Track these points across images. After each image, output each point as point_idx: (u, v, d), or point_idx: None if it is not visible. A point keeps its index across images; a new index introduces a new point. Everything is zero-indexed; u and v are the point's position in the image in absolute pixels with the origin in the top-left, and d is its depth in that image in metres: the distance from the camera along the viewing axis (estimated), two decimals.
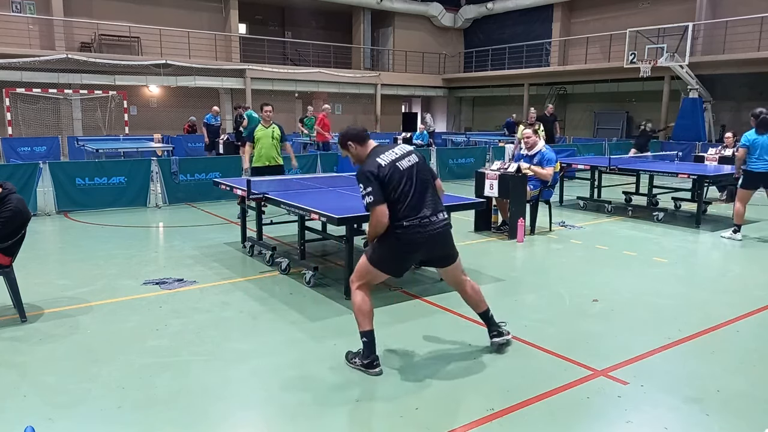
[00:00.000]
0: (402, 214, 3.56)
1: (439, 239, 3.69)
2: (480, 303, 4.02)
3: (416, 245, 3.63)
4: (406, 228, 3.56)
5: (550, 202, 8.11)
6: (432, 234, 3.63)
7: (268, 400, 3.40)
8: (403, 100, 29.94)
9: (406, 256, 3.72)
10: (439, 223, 3.67)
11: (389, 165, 3.59)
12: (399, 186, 3.57)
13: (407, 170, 3.63)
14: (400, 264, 3.75)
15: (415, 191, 3.61)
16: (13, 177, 8.52)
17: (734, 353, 4.06)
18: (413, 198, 3.59)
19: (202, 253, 6.75)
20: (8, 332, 4.30)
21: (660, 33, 18.40)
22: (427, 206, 3.64)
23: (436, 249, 3.76)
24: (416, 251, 3.70)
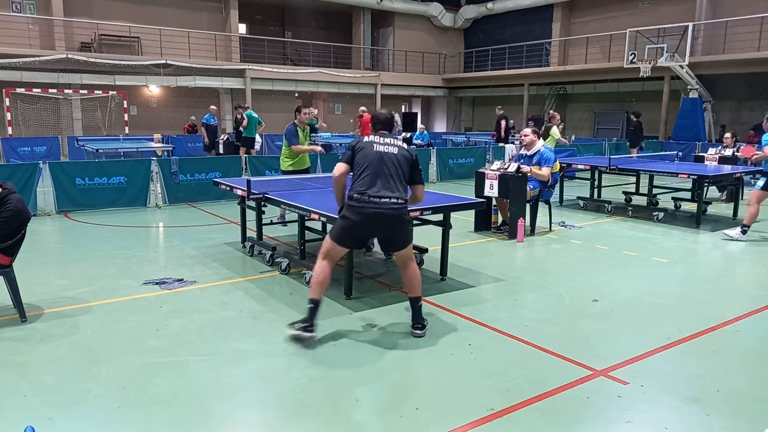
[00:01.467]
0: (356, 187, 4.03)
1: (382, 219, 4.02)
2: (413, 288, 4.28)
3: (361, 218, 4.01)
4: (355, 200, 4.00)
5: (550, 202, 8.11)
6: (376, 212, 3.98)
7: (268, 400, 3.40)
8: (403, 100, 29.95)
9: (352, 228, 4.08)
10: (385, 205, 4.00)
11: (366, 142, 4.14)
12: (362, 161, 4.06)
13: (377, 153, 4.07)
14: (348, 234, 4.12)
15: (374, 172, 4.02)
16: (13, 177, 8.52)
17: (734, 353, 4.06)
18: (369, 177, 4.01)
19: (202, 253, 6.75)
20: (8, 332, 4.30)
21: (660, 33, 18.41)
22: (379, 188, 4.00)
23: (380, 228, 4.15)
24: (361, 225, 4.06)
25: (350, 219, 4.03)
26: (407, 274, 4.29)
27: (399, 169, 4.11)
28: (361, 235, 4.29)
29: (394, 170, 4.08)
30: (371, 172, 4.02)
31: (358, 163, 4.07)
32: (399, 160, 4.12)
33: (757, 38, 17.54)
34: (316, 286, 4.08)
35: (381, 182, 4.02)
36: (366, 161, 4.05)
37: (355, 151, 4.11)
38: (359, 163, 4.06)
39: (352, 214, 4.01)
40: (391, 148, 4.13)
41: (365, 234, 4.26)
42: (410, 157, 4.22)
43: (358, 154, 4.09)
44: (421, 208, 5.29)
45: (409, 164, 4.20)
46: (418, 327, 4.25)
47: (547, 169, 7.63)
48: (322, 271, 4.09)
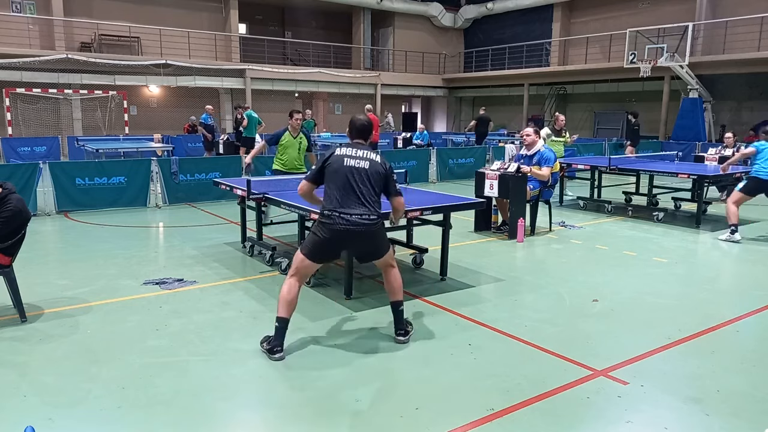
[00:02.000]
0: (326, 204, 3.98)
1: (357, 236, 3.97)
2: (394, 293, 4.22)
3: (334, 235, 3.94)
4: (326, 217, 3.94)
5: (550, 202, 8.11)
6: (350, 229, 3.92)
7: (268, 400, 3.40)
8: (403, 100, 29.95)
9: (325, 244, 3.99)
10: (355, 222, 3.93)
11: (337, 156, 4.01)
12: (332, 176, 3.98)
13: (347, 167, 3.97)
14: (320, 250, 4.02)
15: (346, 189, 3.94)
16: (13, 177, 8.52)
17: (734, 353, 4.06)
18: (341, 193, 3.94)
19: (202, 253, 6.75)
20: (8, 332, 4.30)
21: (660, 33, 18.40)
22: (352, 205, 3.93)
23: (353, 244, 4.11)
24: (334, 241, 3.98)
25: (322, 235, 3.95)
26: (388, 279, 4.24)
27: (369, 183, 3.99)
28: (333, 251, 4.20)
29: (364, 185, 3.97)
30: (341, 188, 3.94)
31: (328, 179, 4.00)
32: (370, 174, 3.99)
33: (757, 38, 17.54)
34: (285, 305, 3.91)
35: (352, 198, 3.93)
36: (336, 177, 3.96)
37: (325, 165, 4.01)
38: (330, 179, 3.99)
39: (324, 231, 3.94)
40: (362, 162, 3.99)
41: (337, 250, 4.21)
42: (383, 171, 4.06)
43: (328, 169, 4.00)
44: (421, 208, 5.30)
45: (382, 178, 4.06)
46: (401, 333, 4.19)
47: (547, 169, 7.63)
48: (290, 289, 3.95)
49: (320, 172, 4.04)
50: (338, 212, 3.91)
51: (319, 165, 4.05)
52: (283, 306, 3.92)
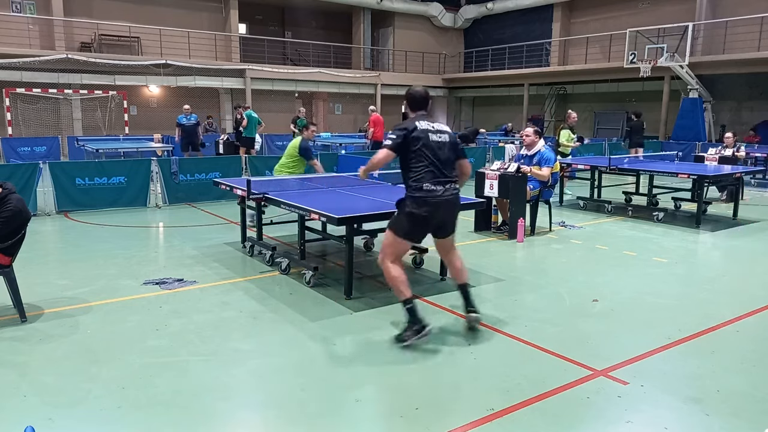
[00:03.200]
0: (421, 178, 4.00)
1: (449, 206, 4.12)
2: (461, 274, 4.36)
3: (433, 210, 4.02)
4: (424, 191, 3.99)
5: (550, 202, 8.11)
6: (444, 200, 4.04)
7: (268, 400, 3.40)
8: (403, 100, 29.86)
9: (423, 220, 4.06)
10: (453, 193, 4.12)
11: (422, 130, 4.07)
12: (422, 151, 4.03)
13: (434, 143, 4.08)
14: (419, 227, 4.11)
15: (436, 162, 4.04)
16: (13, 177, 8.52)
17: (734, 353, 4.06)
18: (434, 168, 4.03)
19: (202, 253, 6.75)
20: (8, 332, 4.30)
21: (660, 33, 18.40)
22: (444, 177, 4.07)
23: (445, 215, 4.16)
24: (430, 214, 4.04)
25: (420, 213, 4.01)
26: (454, 260, 4.36)
27: (452, 155, 4.18)
28: (429, 226, 4.20)
29: (448, 157, 4.13)
30: (432, 163, 4.04)
31: (417, 154, 4.04)
32: (451, 146, 4.18)
33: (757, 38, 17.54)
34: (403, 284, 4.05)
35: (443, 171, 4.07)
36: (426, 151, 4.04)
37: (409, 140, 4.04)
38: (418, 154, 4.04)
39: (423, 207, 4.00)
40: (443, 135, 4.16)
41: (433, 224, 4.19)
42: (456, 140, 4.28)
43: (415, 145, 4.03)
44: None
45: (457, 146, 4.26)
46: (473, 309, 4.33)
47: (547, 169, 7.63)
48: (397, 269, 4.08)
49: (402, 145, 4.04)
50: (436, 186, 4.00)
51: (400, 137, 4.04)
52: (403, 286, 4.04)
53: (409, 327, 4.03)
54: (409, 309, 4.01)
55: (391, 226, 4.16)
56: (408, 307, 4.01)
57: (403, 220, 4.09)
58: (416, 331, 3.98)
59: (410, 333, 4.01)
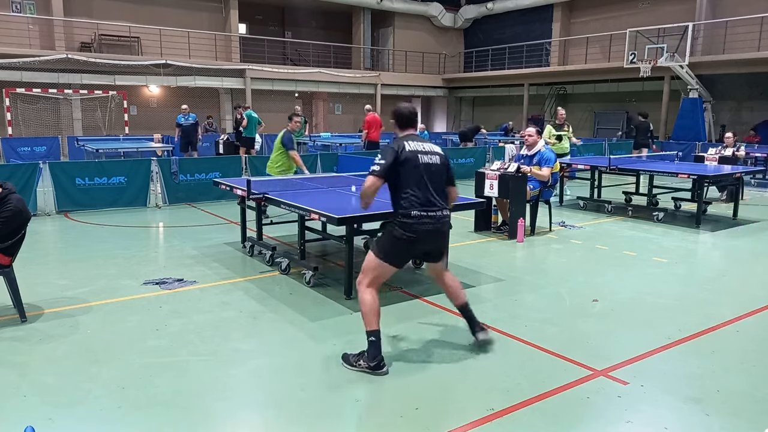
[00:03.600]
0: (410, 204, 3.77)
1: (439, 234, 3.94)
2: (458, 294, 4.14)
3: (419, 236, 3.80)
4: (413, 218, 3.77)
5: (550, 202, 8.11)
6: (434, 228, 3.85)
7: (268, 400, 3.40)
8: (403, 100, 29.91)
9: (410, 246, 3.87)
10: (440, 219, 3.88)
11: (411, 152, 3.81)
12: (412, 175, 3.78)
13: (425, 165, 3.83)
14: (404, 254, 3.95)
15: (427, 187, 3.81)
16: (13, 177, 8.52)
17: (734, 353, 4.06)
18: (423, 191, 3.80)
19: (202, 253, 6.75)
20: (8, 332, 4.30)
21: (660, 33, 18.40)
22: (433, 202, 3.84)
23: (435, 243, 3.99)
24: (419, 242, 3.85)
25: (408, 238, 3.77)
26: (448, 282, 4.14)
27: (441, 178, 3.93)
28: (417, 251, 4.06)
29: (439, 181, 3.89)
30: (422, 186, 3.79)
31: (405, 176, 3.78)
32: (442, 169, 3.93)
33: (757, 38, 17.54)
34: (374, 315, 3.74)
35: (434, 196, 3.84)
36: (414, 174, 3.78)
37: (398, 162, 3.76)
38: (407, 176, 3.77)
39: (411, 233, 3.76)
40: (434, 157, 3.89)
41: (419, 250, 4.02)
42: (447, 162, 4.01)
43: (403, 167, 3.76)
44: None
45: (449, 170, 4.02)
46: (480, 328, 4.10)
47: (547, 169, 7.63)
48: (373, 298, 3.78)
49: (391, 169, 3.75)
50: (424, 211, 3.78)
51: (388, 161, 3.74)
52: (374, 317, 3.75)
53: (364, 357, 3.71)
54: (372, 342, 3.69)
55: (374, 249, 3.90)
56: (371, 340, 3.69)
57: (388, 243, 3.87)
58: (371, 367, 3.65)
59: (363, 363, 3.68)
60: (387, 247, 3.86)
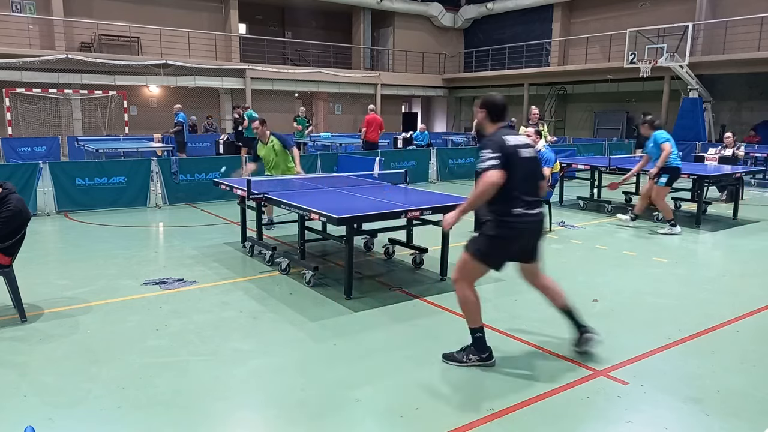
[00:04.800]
0: (512, 201, 3.57)
1: (537, 232, 3.77)
2: (559, 294, 3.94)
3: (521, 234, 3.65)
4: (516, 216, 3.57)
5: (550, 201, 8.10)
6: (534, 226, 3.69)
7: (268, 400, 3.40)
8: (403, 100, 29.94)
9: (509, 246, 3.69)
10: (540, 216, 3.72)
11: (513, 146, 3.60)
12: (514, 171, 3.55)
13: (525, 159, 3.64)
14: (503, 254, 3.72)
15: (527, 183, 3.64)
16: (13, 177, 8.52)
17: (734, 353, 4.06)
18: (524, 188, 3.61)
19: (202, 253, 6.75)
20: (8, 332, 4.30)
21: (660, 33, 18.40)
22: (533, 199, 3.66)
23: (531, 241, 3.79)
24: (519, 241, 3.69)
25: (509, 236, 3.61)
26: (548, 282, 3.95)
27: (538, 170, 3.82)
28: (513, 253, 3.78)
29: (536, 175, 3.77)
30: (524, 183, 3.61)
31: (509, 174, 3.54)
32: (537, 163, 3.81)
33: (757, 38, 17.53)
34: (476, 313, 3.71)
35: (532, 192, 3.67)
36: (517, 170, 3.57)
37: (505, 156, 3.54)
38: (510, 174, 3.54)
39: (513, 231, 3.60)
40: (531, 150, 3.73)
41: (518, 251, 3.78)
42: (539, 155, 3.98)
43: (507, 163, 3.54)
44: (421, 208, 5.30)
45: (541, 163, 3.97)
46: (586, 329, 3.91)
47: (547, 169, 7.62)
48: (474, 297, 3.71)
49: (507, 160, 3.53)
50: (526, 209, 3.59)
51: (497, 150, 3.52)
52: (477, 314, 3.71)
53: (471, 351, 3.75)
54: (478, 338, 3.70)
55: (469, 250, 3.71)
56: (478, 336, 3.71)
57: (485, 244, 3.66)
58: (483, 359, 3.71)
59: (474, 357, 3.72)
60: (485, 248, 3.68)
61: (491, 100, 3.79)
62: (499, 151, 3.51)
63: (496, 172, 3.47)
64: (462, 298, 3.74)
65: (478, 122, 3.82)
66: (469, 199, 3.62)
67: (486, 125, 3.78)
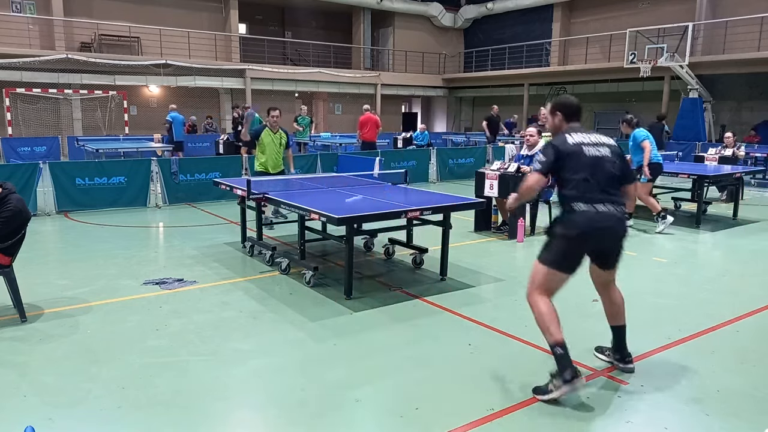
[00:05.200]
0: (573, 198, 3.47)
1: (611, 233, 3.52)
2: (621, 316, 3.77)
3: (586, 232, 3.44)
4: (577, 213, 3.44)
5: (550, 202, 8.10)
6: (604, 225, 3.45)
7: (268, 400, 3.40)
8: (403, 100, 29.94)
9: (577, 246, 3.48)
10: (612, 216, 3.47)
11: (576, 144, 3.53)
12: (577, 168, 3.46)
13: (592, 158, 3.50)
14: (573, 256, 3.49)
15: (594, 180, 3.46)
16: (13, 177, 8.52)
17: (734, 353, 4.06)
18: (590, 185, 3.45)
19: (202, 253, 6.75)
20: (8, 332, 4.30)
21: (660, 33, 18.40)
22: (602, 198, 3.46)
23: (608, 243, 3.58)
24: (588, 240, 3.48)
25: (574, 236, 3.44)
26: (617, 297, 3.76)
27: (615, 170, 3.55)
28: (583, 254, 3.55)
29: (610, 174, 3.52)
30: (589, 181, 3.45)
31: (570, 170, 3.48)
32: (612, 161, 3.55)
33: (757, 38, 17.54)
34: (554, 326, 3.41)
35: (604, 191, 3.47)
36: (581, 168, 3.46)
37: (561, 158, 3.49)
38: (572, 170, 3.47)
39: (576, 229, 3.43)
40: (602, 149, 3.55)
41: (590, 251, 3.59)
42: (620, 153, 3.63)
43: (568, 161, 3.48)
44: (421, 208, 5.30)
45: (622, 162, 3.63)
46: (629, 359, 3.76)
47: None
48: (549, 308, 3.48)
49: (554, 165, 3.51)
50: (592, 206, 3.42)
51: (550, 158, 3.51)
52: (556, 327, 3.42)
53: (558, 376, 3.31)
54: (560, 356, 3.32)
55: (540, 257, 3.57)
56: (558, 353, 3.33)
57: (553, 246, 3.51)
58: (568, 381, 3.26)
59: (559, 383, 3.29)
60: (553, 251, 3.50)
61: (564, 102, 3.74)
62: (552, 156, 3.51)
63: (534, 175, 3.55)
64: (536, 311, 3.50)
65: (552, 128, 3.75)
66: (518, 194, 3.75)
67: (559, 126, 3.71)
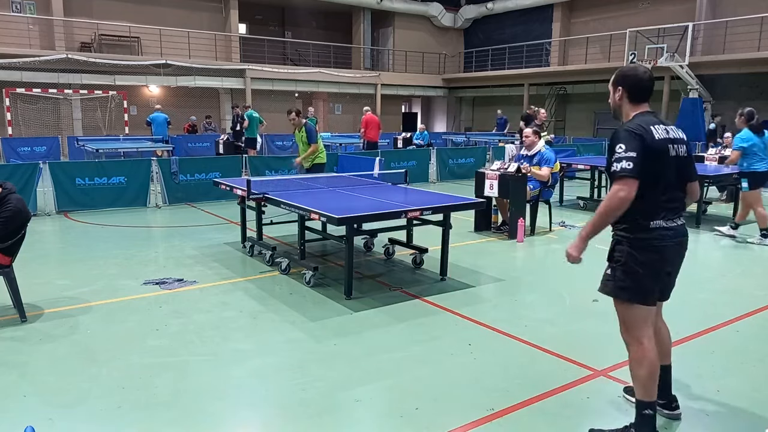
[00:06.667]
0: (652, 211, 2.75)
1: (681, 251, 2.90)
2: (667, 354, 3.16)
3: (661, 255, 2.79)
4: (650, 232, 2.76)
5: (550, 202, 8.11)
6: (676, 242, 2.83)
7: (268, 400, 3.40)
8: (403, 100, 29.94)
9: (652, 270, 2.80)
10: (683, 231, 2.86)
11: (661, 140, 2.75)
12: (657, 172, 2.72)
13: (674, 159, 2.80)
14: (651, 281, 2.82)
15: (673, 188, 2.81)
16: (13, 177, 8.52)
17: (734, 353, 4.06)
18: (668, 194, 2.78)
19: (202, 253, 6.75)
20: (8, 332, 4.30)
21: (660, 33, 18.40)
22: (677, 208, 2.84)
23: (676, 261, 2.91)
24: (663, 262, 2.82)
25: (653, 262, 2.77)
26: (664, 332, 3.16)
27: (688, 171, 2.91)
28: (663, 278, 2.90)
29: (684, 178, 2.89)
30: (669, 187, 2.78)
31: (648, 174, 2.68)
32: (688, 162, 2.89)
33: (757, 38, 17.54)
34: (652, 382, 2.80)
35: (676, 200, 2.82)
36: (662, 171, 2.74)
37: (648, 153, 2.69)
38: (651, 175, 2.70)
39: (650, 252, 2.76)
40: (682, 147, 2.85)
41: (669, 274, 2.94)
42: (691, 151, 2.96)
43: (649, 162, 2.68)
44: (421, 208, 5.30)
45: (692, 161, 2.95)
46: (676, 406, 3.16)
47: (546, 169, 7.63)
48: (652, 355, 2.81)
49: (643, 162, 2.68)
50: (666, 221, 2.76)
51: (638, 151, 2.66)
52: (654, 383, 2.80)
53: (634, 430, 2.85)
54: (647, 417, 2.78)
55: (613, 290, 2.92)
56: (647, 414, 2.78)
57: (624, 275, 2.84)
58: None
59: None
60: (627, 280, 2.83)
61: (632, 73, 2.90)
62: (639, 149, 2.66)
63: (628, 184, 2.64)
64: (637, 358, 2.82)
65: (614, 104, 2.96)
66: (593, 220, 2.90)
67: (625, 108, 2.91)
